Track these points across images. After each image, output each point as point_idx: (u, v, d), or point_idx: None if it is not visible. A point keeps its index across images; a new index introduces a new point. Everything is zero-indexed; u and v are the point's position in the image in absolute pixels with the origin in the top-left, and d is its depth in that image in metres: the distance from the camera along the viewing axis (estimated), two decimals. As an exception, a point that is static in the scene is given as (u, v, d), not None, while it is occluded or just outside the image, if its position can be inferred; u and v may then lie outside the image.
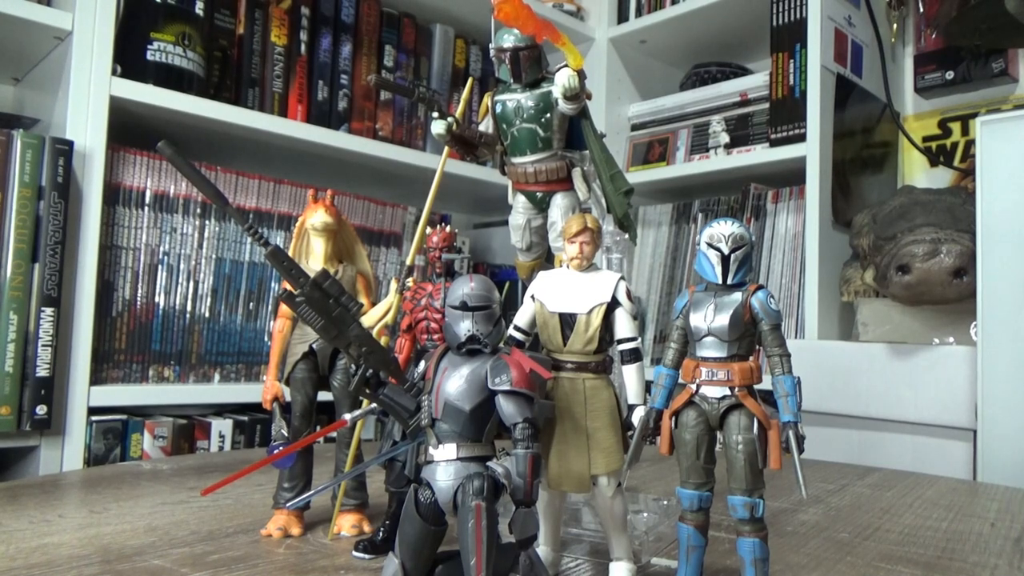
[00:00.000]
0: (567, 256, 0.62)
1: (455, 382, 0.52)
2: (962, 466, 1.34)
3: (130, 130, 1.39)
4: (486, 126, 0.74)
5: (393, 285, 0.81)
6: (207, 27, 1.50)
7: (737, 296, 0.56)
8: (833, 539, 0.84)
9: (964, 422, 1.33)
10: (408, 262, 0.77)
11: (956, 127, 1.84)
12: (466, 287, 0.54)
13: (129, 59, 1.37)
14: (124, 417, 1.37)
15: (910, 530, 0.88)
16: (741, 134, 1.89)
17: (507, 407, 0.50)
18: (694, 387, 0.57)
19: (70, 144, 1.25)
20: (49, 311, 1.22)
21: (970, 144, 1.79)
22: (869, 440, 1.47)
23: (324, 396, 0.81)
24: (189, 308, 1.47)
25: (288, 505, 0.79)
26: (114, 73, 1.32)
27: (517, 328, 0.63)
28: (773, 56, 1.78)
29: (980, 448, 1.29)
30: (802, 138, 1.69)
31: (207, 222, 1.49)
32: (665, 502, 0.97)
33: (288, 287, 0.64)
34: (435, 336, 0.71)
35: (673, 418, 0.58)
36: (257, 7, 1.62)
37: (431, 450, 0.52)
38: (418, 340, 0.73)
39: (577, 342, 0.60)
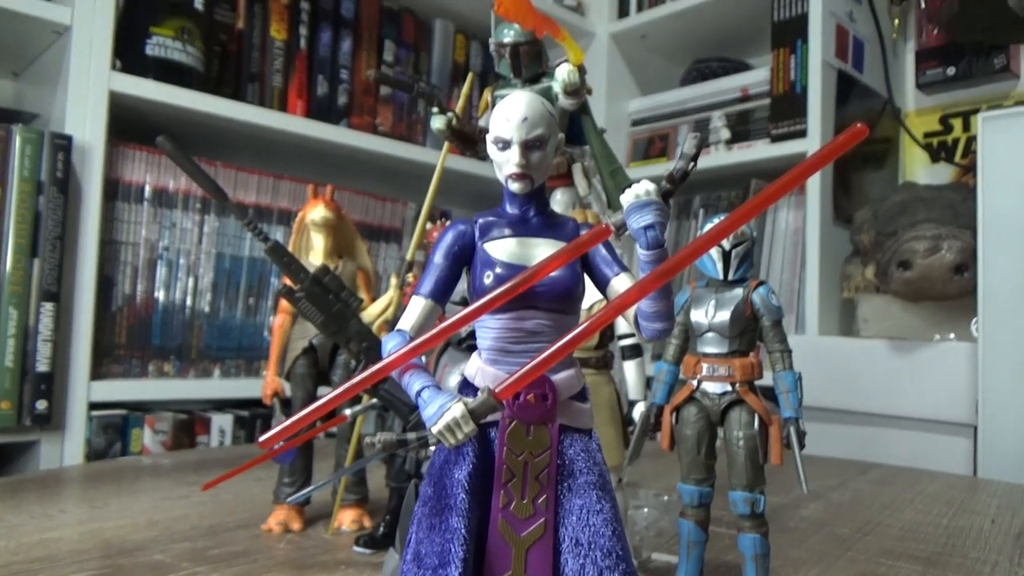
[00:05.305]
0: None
1: (455, 378, 0.52)
2: (962, 462, 1.34)
3: (129, 125, 1.39)
4: (486, 121, 0.74)
5: (393, 281, 0.81)
6: (207, 22, 1.49)
7: (738, 292, 0.56)
8: (834, 535, 0.84)
9: (965, 418, 1.33)
10: (408, 257, 0.77)
11: (957, 123, 1.84)
12: (464, 283, 0.53)
13: (128, 54, 1.36)
14: (124, 412, 1.37)
15: (911, 526, 0.88)
16: (742, 130, 1.88)
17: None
18: (695, 383, 0.57)
19: (69, 139, 1.25)
20: (49, 306, 1.22)
21: (971, 140, 1.79)
22: (870, 436, 1.47)
23: (324, 391, 0.81)
24: (189, 303, 1.47)
25: (288, 500, 0.79)
26: (113, 68, 1.32)
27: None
28: (774, 51, 1.77)
29: (981, 444, 1.29)
30: (803, 134, 1.69)
31: (207, 217, 1.49)
32: (666, 498, 0.97)
33: (288, 282, 0.64)
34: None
35: (674, 414, 0.58)
36: (257, 2, 1.61)
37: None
38: (418, 336, 0.73)
39: (578, 338, 0.60)
